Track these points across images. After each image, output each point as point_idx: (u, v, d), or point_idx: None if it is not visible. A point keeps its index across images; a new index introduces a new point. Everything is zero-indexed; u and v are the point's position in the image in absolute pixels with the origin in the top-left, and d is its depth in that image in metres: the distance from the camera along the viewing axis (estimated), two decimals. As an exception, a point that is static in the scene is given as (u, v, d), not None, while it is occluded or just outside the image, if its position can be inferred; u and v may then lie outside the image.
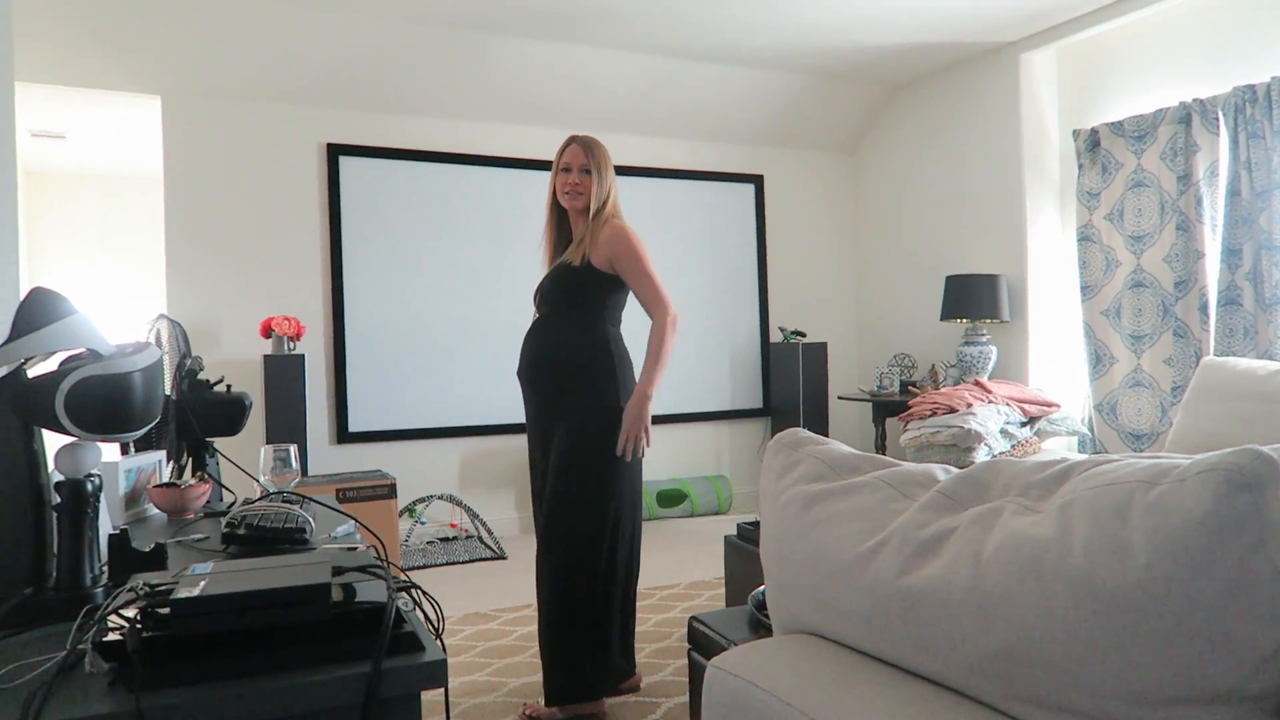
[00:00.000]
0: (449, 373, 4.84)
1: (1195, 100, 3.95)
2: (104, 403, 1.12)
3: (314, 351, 4.56)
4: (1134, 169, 4.25)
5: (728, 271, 5.58)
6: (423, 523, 4.60)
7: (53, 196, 6.48)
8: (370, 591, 0.99)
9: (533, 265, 4.96)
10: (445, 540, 4.62)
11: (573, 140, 2.47)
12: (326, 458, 4.58)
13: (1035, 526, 0.88)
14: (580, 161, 2.43)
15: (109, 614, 0.91)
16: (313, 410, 4.50)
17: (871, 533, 1.07)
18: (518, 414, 4.73)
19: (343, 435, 4.60)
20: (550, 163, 5.13)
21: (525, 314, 2.64)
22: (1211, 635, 0.72)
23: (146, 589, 0.92)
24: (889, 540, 1.03)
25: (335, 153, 4.62)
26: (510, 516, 4.96)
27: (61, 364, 1.17)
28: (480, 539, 4.55)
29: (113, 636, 0.90)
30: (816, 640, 1.12)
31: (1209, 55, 4.00)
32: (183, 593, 0.89)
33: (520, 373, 2.50)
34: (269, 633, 0.90)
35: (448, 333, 4.84)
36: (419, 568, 4.18)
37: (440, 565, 4.23)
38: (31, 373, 1.16)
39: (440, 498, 4.56)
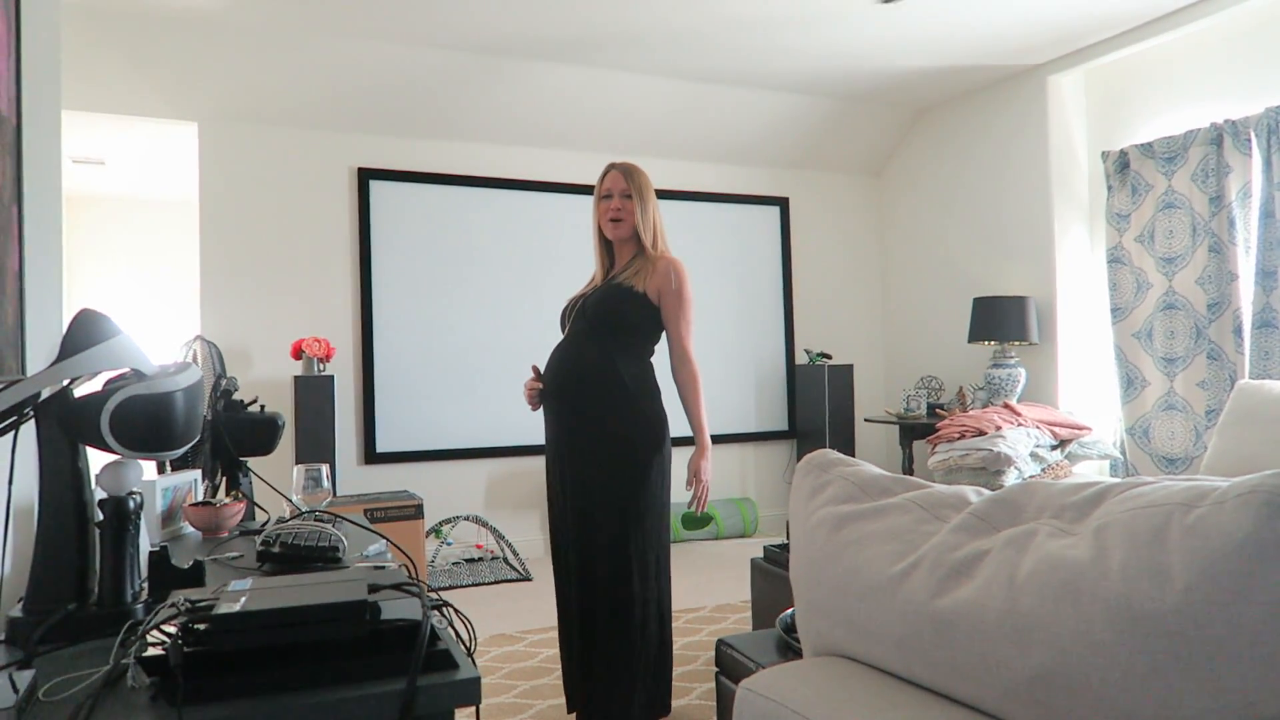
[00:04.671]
0: (475, 394, 4.87)
1: (1227, 121, 3.92)
2: (147, 422, 1.14)
3: (343, 373, 4.62)
4: (1164, 190, 4.22)
5: (754, 293, 5.58)
6: (449, 543, 4.62)
7: (92, 221, 6.64)
8: (405, 609, 1.00)
9: (558, 287, 5.00)
10: (471, 561, 4.63)
11: (611, 167, 2.47)
12: (354, 478, 4.61)
13: (1071, 549, 0.88)
14: (620, 187, 2.44)
15: (151, 629, 0.93)
16: (341, 430, 4.55)
17: (903, 554, 1.06)
18: (543, 435, 4.76)
19: (370, 456, 4.64)
20: (580, 186, 5.23)
21: (551, 336, 2.63)
22: (1254, 660, 0.71)
23: (187, 605, 0.94)
24: (921, 562, 1.03)
25: (366, 177, 4.70)
26: (535, 538, 4.97)
27: (106, 384, 1.20)
28: (506, 560, 4.56)
29: (155, 651, 0.92)
30: (848, 663, 1.11)
31: (1240, 76, 3.97)
32: (224, 608, 0.90)
33: (550, 392, 2.42)
34: (307, 649, 0.91)
35: (475, 355, 4.88)
36: (445, 588, 4.19)
37: (466, 586, 4.24)
38: (78, 392, 1.20)
39: (466, 519, 4.58)
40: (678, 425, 2.52)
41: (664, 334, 2.47)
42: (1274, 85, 3.83)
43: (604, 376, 2.35)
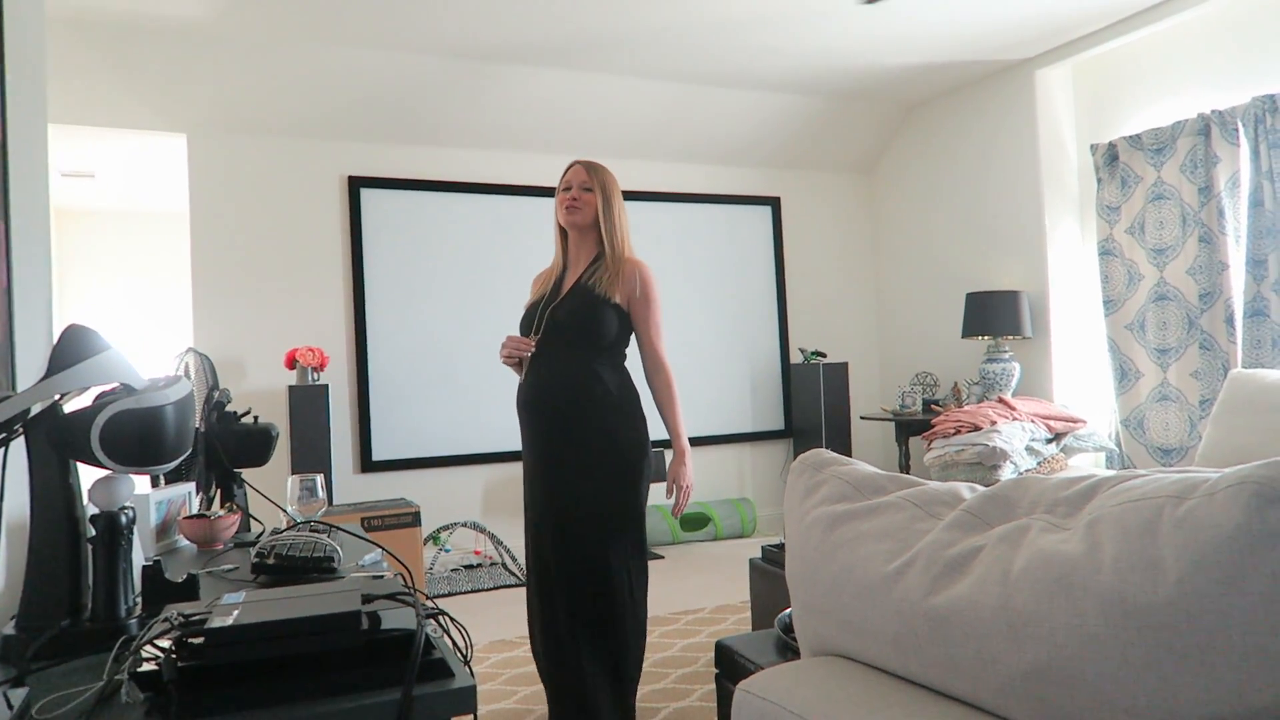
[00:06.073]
0: (471, 400, 4.86)
1: (1214, 112, 3.93)
2: (138, 436, 1.14)
3: (337, 381, 4.61)
4: (1154, 182, 4.23)
5: (747, 293, 5.58)
6: (447, 550, 4.61)
7: (82, 234, 6.62)
8: (399, 619, 0.99)
9: (552, 291, 5.00)
10: (470, 568, 4.63)
11: (575, 162, 2.45)
12: (351, 486, 4.61)
13: (1063, 544, 0.88)
14: (581, 180, 2.40)
15: (145, 644, 0.93)
16: (337, 439, 4.54)
17: (898, 553, 1.06)
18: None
19: (366, 464, 4.63)
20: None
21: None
22: (1246, 651, 0.72)
23: (181, 619, 0.93)
24: (915, 560, 1.03)
25: (356, 185, 4.69)
26: (534, 542, 4.96)
27: (96, 399, 1.20)
28: (504, 566, 4.55)
29: (148, 667, 0.91)
30: (845, 662, 1.12)
31: (1226, 66, 3.99)
32: (216, 622, 0.90)
33: (532, 405, 2.37)
34: (302, 661, 0.91)
35: (469, 361, 4.87)
36: (444, 595, 4.18)
37: (465, 593, 4.23)
38: (67, 408, 1.19)
39: (464, 525, 4.57)
40: (656, 429, 2.52)
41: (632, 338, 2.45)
42: (1260, 75, 3.84)
43: (590, 387, 2.31)
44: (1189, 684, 0.74)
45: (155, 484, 1.99)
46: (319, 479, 1.82)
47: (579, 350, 2.34)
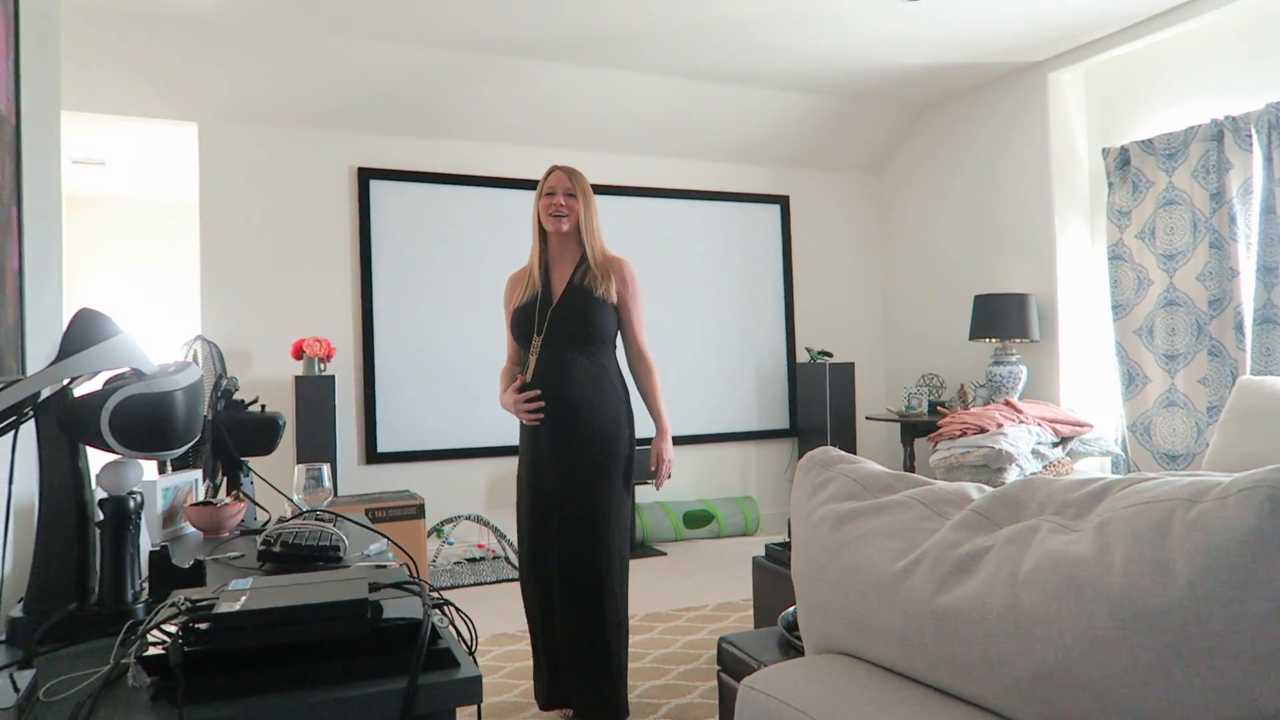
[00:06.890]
0: (476, 394, 4.87)
1: (1227, 117, 3.91)
2: (147, 421, 1.14)
3: (344, 373, 4.61)
4: (1165, 187, 4.21)
5: (754, 292, 5.58)
6: (450, 543, 4.62)
7: (92, 221, 6.64)
8: (405, 608, 0.99)
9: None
10: (472, 560, 4.63)
11: (556, 168, 2.53)
12: (356, 478, 4.61)
13: (1073, 545, 0.87)
14: (565, 186, 2.50)
15: (152, 629, 0.93)
16: (342, 430, 4.54)
17: (905, 551, 1.06)
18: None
19: (371, 455, 4.64)
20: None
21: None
22: (1256, 656, 0.71)
23: (188, 604, 0.94)
24: (923, 559, 1.02)
25: (366, 176, 4.69)
26: (537, 537, 4.96)
27: (106, 383, 1.20)
28: (507, 559, 4.56)
29: (155, 651, 0.91)
30: (850, 660, 1.11)
31: (1240, 72, 3.97)
32: (224, 608, 0.90)
33: (543, 400, 2.44)
34: (308, 648, 0.91)
35: (475, 354, 4.87)
36: (447, 588, 4.19)
37: (468, 585, 4.24)
38: (77, 392, 1.19)
39: (467, 518, 4.58)
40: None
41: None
42: (1274, 81, 3.82)
43: (598, 380, 2.46)
44: (1197, 688, 0.74)
45: (162, 470, 1.99)
46: (325, 468, 1.82)
47: (583, 346, 2.47)
